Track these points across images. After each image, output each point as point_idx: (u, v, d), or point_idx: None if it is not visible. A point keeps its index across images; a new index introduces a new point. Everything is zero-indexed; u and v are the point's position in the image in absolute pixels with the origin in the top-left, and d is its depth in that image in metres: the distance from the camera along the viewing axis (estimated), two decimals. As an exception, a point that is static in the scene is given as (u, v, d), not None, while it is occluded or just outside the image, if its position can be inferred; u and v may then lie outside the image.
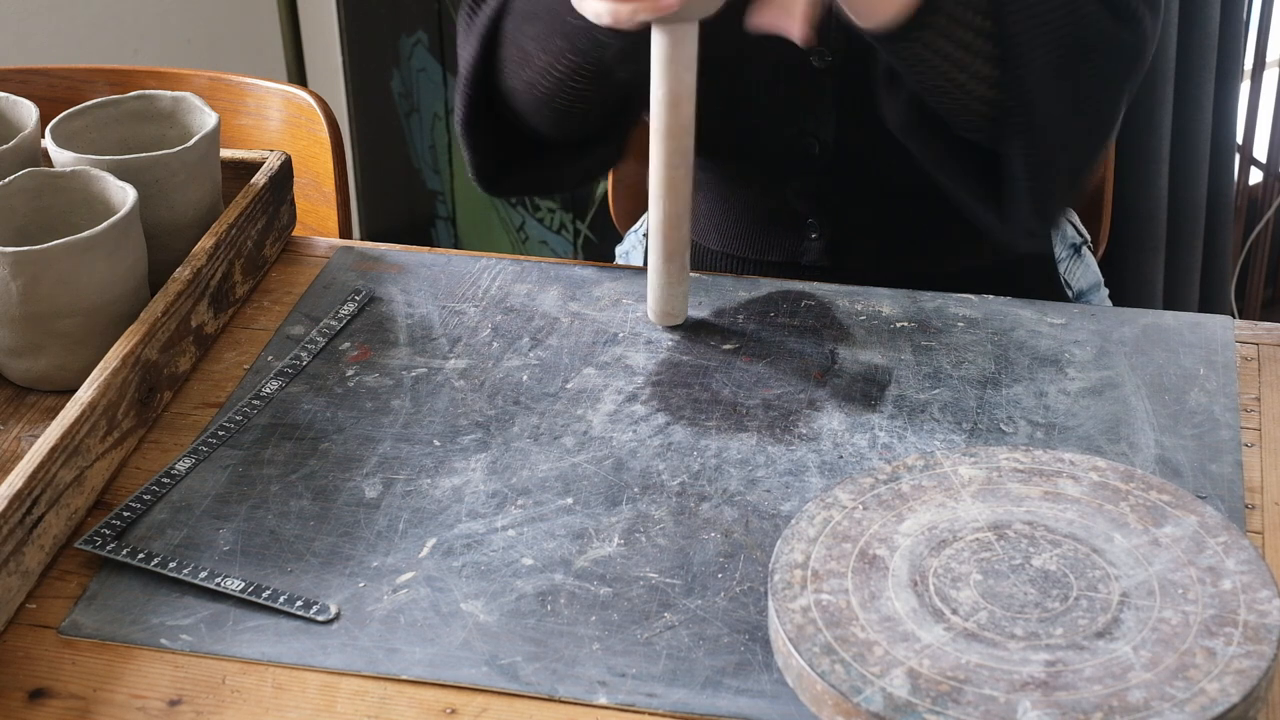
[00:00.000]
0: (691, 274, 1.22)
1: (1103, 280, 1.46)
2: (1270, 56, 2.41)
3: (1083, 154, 1.18)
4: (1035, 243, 1.17)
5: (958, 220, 1.21)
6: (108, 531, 0.99)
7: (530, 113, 1.22)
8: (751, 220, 1.34)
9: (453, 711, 0.88)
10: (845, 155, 1.27)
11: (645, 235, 1.49)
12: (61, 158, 1.19)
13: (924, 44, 1.07)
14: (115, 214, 1.12)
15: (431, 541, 0.98)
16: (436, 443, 1.07)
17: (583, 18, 1.07)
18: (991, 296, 1.19)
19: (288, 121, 1.60)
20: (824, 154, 1.27)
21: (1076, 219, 1.47)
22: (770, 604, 0.88)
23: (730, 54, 1.01)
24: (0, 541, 0.92)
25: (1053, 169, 1.14)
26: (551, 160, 1.27)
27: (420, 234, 2.55)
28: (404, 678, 0.90)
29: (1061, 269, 1.41)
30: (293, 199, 1.30)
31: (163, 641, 0.92)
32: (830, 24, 1.16)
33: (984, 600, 0.88)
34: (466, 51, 1.23)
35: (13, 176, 1.16)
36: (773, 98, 1.26)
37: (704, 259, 1.38)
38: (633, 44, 1.08)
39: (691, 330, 1.17)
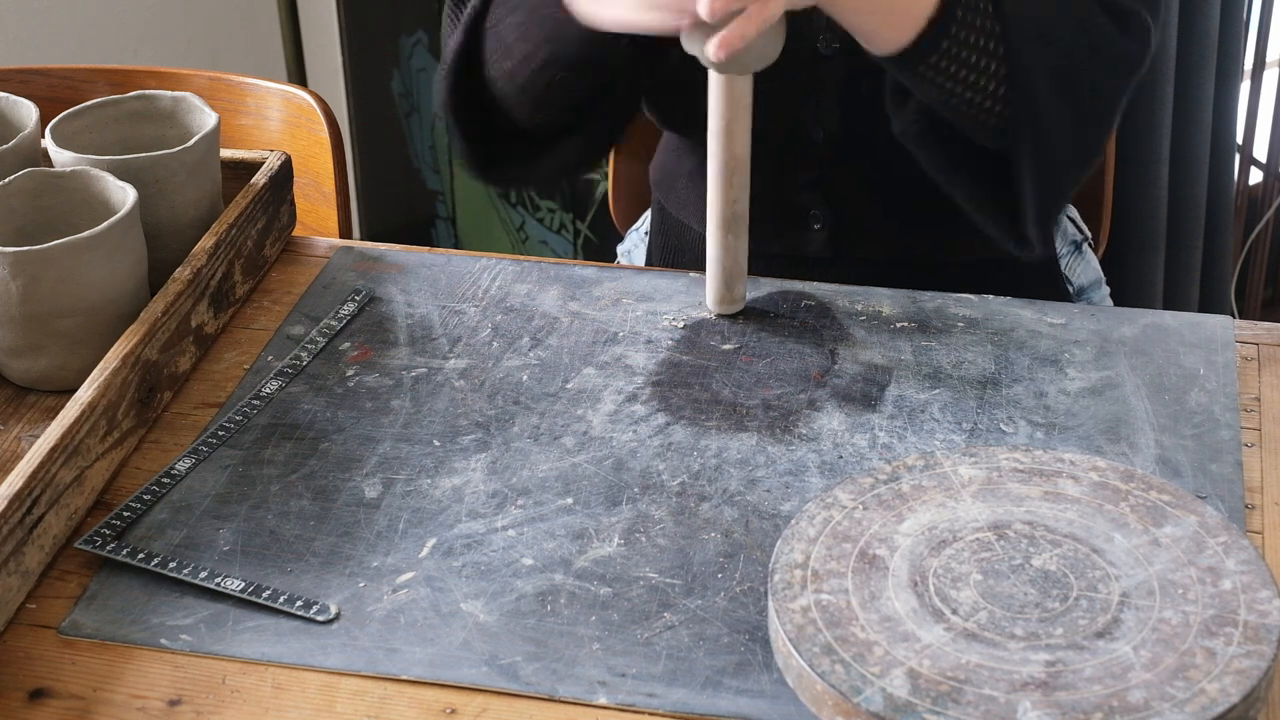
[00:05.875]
0: (691, 273, 1.23)
1: (1104, 278, 1.46)
2: (1270, 56, 2.41)
3: (1085, 158, 1.20)
4: (1039, 249, 1.19)
5: (961, 211, 1.21)
6: (108, 531, 0.99)
7: (510, 102, 1.23)
8: (754, 211, 1.34)
9: (453, 711, 0.88)
10: (849, 145, 1.27)
11: (646, 234, 1.49)
12: (61, 158, 1.19)
13: (932, 66, 1.09)
14: (115, 214, 1.12)
15: (431, 541, 0.98)
16: (436, 443, 1.07)
17: (560, 9, 1.09)
18: (991, 296, 1.19)
19: (288, 121, 1.60)
20: (827, 144, 1.28)
21: (1077, 216, 1.47)
22: (770, 604, 0.88)
23: None
24: (0, 541, 0.92)
25: (1058, 175, 1.16)
26: (532, 150, 1.27)
27: (420, 234, 2.55)
28: (404, 678, 0.90)
29: (1062, 265, 1.41)
30: (293, 199, 1.30)
31: (163, 641, 0.92)
32: None
33: (984, 600, 0.88)
34: (452, 39, 1.24)
35: (13, 176, 1.16)
36: (776, 85, 1.26)
37: (704, 250, 1.37)
38: (609, 39, 1.09)
39: (691, 330, 1.17)
